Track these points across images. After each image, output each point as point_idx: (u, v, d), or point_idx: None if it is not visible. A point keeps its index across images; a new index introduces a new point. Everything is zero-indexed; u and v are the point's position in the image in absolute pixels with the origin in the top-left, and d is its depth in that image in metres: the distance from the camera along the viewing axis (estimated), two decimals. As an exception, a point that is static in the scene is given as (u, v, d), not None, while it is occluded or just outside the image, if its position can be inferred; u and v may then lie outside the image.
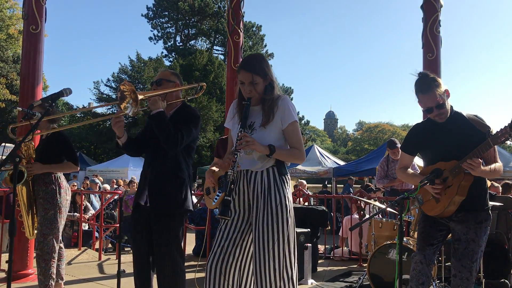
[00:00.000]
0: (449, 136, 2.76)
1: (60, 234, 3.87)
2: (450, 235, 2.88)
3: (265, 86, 2.52)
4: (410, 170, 3.02)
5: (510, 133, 2.48)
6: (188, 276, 3.14)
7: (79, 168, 3.98)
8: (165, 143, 2.84)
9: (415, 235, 3.94)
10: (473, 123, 2.73)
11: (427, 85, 2.69)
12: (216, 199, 4.61)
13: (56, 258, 3.81)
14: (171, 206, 2.93)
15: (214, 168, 4.49)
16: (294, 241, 2.49)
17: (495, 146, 2.71)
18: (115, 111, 2.92)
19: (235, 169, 2.38)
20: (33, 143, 3.88)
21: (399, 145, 6.09)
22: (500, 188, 7.22)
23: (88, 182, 11.75)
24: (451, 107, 2.81)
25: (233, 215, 2.55)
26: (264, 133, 2.50)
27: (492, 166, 2.71)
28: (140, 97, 2.67)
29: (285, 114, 2.51)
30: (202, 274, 5.27)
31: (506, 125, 2.51)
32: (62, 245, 4.00)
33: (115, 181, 13.78)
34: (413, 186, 3.14)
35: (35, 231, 3.86)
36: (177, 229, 2.97)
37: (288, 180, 2.55)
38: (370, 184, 6.40)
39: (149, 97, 2.82)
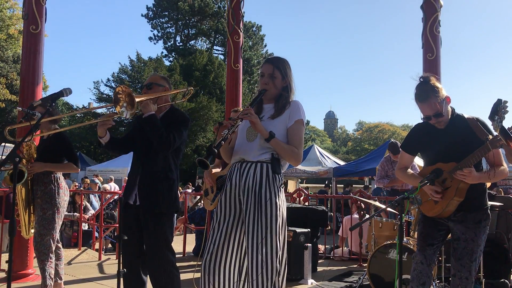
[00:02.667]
0: (449, 138, 2.75)
1: (57, 234, 3.87)
2: (450, 235, 2.88)
3: (283, 87, 2.64)
4: (409, 171, 3.01)
5: (505, 139, 2.47)
6: (187, 276, 3.14)
7: (79, 169, 4.00)
8: (158, 145, 2.92)
9: (416, 235, 3.94)
10: (473, 126, 2.73)
11: (425, 94, 2.67)
12: (214, 199, 4.62)
13: (53, 258, 3.80)
14: (162, 205, 2.98)
15: (213, 169, 4.50)
16: (284, 239, 2.51)
17: (497, 150, 2.70)
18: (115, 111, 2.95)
19: (231, 132, 2.45)
20: (34, 142, 3.89)
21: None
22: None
23: (88, 181, 11.75)
24: (453, 110, 2.81)
25: (225, 212, 2.57)
26: (270, 124, 2.56)
27: (494, 171, 2.69)
28: (137, 99, 2.74)
29: (294, 111, 2.59)
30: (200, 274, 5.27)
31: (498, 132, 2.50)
32: (60, 245, 4.00)
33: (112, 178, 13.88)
34: (411, 187, 3.13)
35: (32, 230, 3.86)
36: (167, 228, 3.01)
37: (281, 180, 2.55)
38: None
39: (142, 100, 2.88)
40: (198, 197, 7.18)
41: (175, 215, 3.33)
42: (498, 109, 2.43)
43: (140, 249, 3.05)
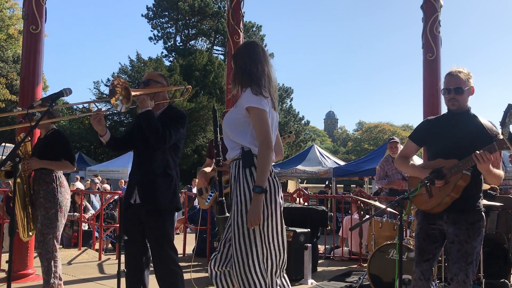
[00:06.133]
0: (454, 133, 2.78)
1: (60, 233, 3.87)
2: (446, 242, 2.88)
3: (235, 71, 2.59)
4: (410, 161, 3.00)
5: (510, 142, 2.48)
6: (185, 276, 3.15)
7: (75, 168, 4.00)
8: (153, 140, 2.92)
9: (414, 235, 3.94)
10: (484, 126, 2.75)
11: (459, 71, 2.81)
12: (209, 199, 4.63)
13: (58, 257, 3.81)
14: (161, 202, 2.98)
15: (206, 169, 4.51)
16: (260, 237, 2.33)
17: (498, 155, 2.71)
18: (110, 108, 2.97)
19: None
20: (30, 141, 3.89)
21: (397, 141, 6.17)
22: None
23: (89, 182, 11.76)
24: (469, 107, 2.84)
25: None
26: (230, 112, 2.59)
27: (497, 170, 2.69)
28: (133, 93, 2.72)
29: (242, 99, 2.48)
30: (199, 274, 5.28)
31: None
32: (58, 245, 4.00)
33: (123, 181, 13.85)
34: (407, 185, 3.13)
35: (29, 233, 3.85)
36: (168, 225, 3.02)
37: (254, 172, 2.38)
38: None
39: (139, 95, 2.89)
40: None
41: (175, 213, 3.31)
42: (508, 114, 2.45)
43: (142, 249, 3.06)
